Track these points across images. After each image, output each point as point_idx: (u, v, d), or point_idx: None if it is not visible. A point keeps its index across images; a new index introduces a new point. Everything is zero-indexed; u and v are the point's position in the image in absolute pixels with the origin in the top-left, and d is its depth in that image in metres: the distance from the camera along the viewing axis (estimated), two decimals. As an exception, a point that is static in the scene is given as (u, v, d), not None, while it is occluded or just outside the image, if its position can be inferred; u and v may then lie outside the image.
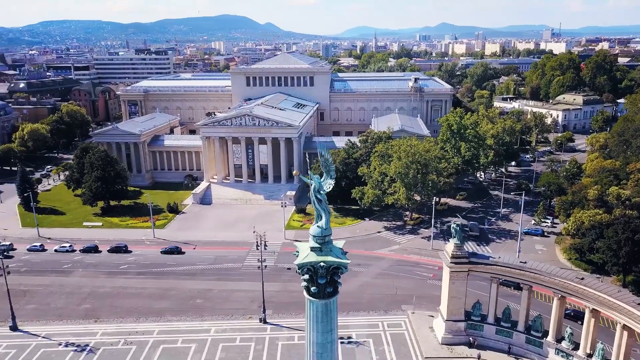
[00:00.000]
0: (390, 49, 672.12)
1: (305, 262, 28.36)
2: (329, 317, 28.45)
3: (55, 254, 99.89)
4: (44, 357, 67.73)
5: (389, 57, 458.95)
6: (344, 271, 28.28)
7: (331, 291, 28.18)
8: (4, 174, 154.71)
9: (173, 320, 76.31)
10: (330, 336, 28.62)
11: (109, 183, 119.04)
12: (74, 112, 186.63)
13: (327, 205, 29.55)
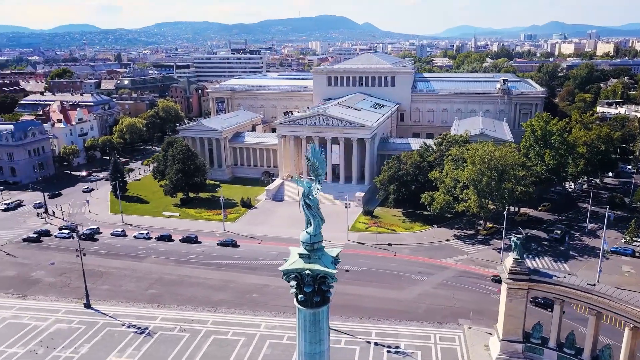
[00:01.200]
0: (489, 49, 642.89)
1: (290, 268, 27.51)
2: (318, 327, 27.34)
3: (133, 240, 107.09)
4: (108, 335, 72.71)
5: (487, 57, 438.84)
6: (330, 281, 26.95)
7: (319, 300, 27.02)
8: (104, 163, 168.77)
9: (228, 312, 78.47)
10: (319, 347, 27.50)
11: (188, 176, 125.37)
12: (169, 108, 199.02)
13: (318, 211, 28.35)
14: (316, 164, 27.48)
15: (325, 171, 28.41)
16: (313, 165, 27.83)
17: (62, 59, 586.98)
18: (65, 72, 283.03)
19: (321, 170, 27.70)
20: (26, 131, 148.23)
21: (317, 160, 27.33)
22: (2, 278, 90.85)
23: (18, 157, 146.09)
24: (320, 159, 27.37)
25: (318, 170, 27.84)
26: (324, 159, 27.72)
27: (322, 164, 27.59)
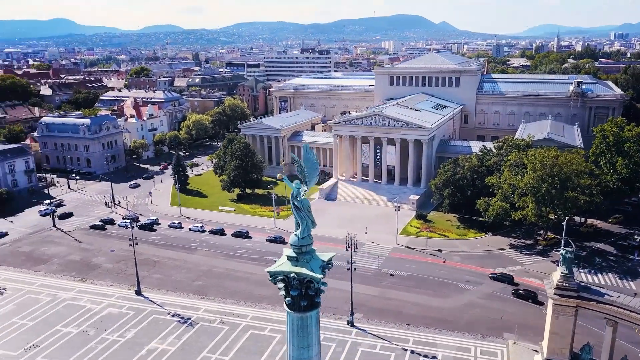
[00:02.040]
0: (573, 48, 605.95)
1: (276, 270, 27.09)
2: (306, 332, 26.77)
3: (188, 232, 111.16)
4: (153, 322, 75.94)
5: (569, 57, 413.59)
6: (316, 286, 26.22)
7: (307, 305, 26.41)
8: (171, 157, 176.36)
9: (268, 308, 79.38)
10: (307, 353, 26.92)
11: (245, 172, 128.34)
12: (235, 106, 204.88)
13: (308, 213, 27.65)
14: (302, 165, 26.87)
15: (318, 173, 27.49)
16: (300, 166, 27.26)
17: (146, 57, 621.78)
18: (143, 70, 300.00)
19: (312, 172, 27.00)
20: (101, 125, 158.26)
21: (308, 161, 26.71)
22: (68, 262, 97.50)
23: (93, 149, 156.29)
24: (312, 161, 26.70)
25: (305, 172, 27.24)
26: (316, 160, 27.01)
27: (313, 165, 26.90)
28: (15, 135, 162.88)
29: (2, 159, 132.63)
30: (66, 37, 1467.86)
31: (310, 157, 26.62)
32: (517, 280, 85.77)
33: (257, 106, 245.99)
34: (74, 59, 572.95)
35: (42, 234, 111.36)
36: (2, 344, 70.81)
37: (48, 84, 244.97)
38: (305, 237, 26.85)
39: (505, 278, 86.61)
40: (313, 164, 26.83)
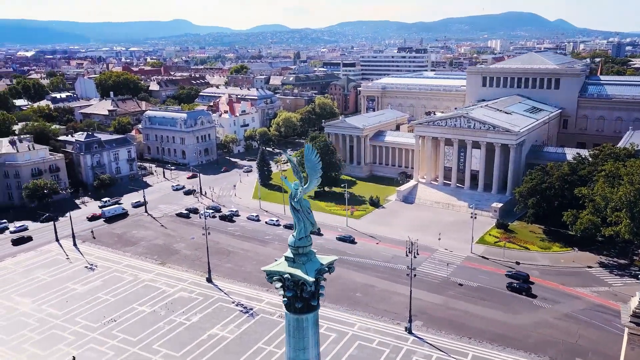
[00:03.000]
0: None
1: (271, 269, 26.95)
2: (302, 334, 26.42)
3: (264, 225, 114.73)
4: (218, 309, 79.53)
5: None
6: (308, 288, 25.69)
7: (302, 307, 26.02)
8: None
9: (327, 306, 79.49)
10: (303, 355, 26.55)
11: (324, 170, 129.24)
12: (325, 105, 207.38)
13: (307, 214, 27.14)
14: (297, 165, 26.41)
15: (320, 175, 26.87)
16: (294, 167, 26.90)
17: (250, 56, 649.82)
18: (242, 68, 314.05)
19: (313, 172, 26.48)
20: (196, 120, 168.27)
21: (309, 162, 26.30)
22: (152, 245, 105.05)
23: (188, 142, 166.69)
24: (314, 162, 26.22)
25: (300, 174, 26.83)
26: (318, 161, 26.48)
27: (314, 166, 26.40)
28: (123, 126, 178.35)
29: (108, 148, 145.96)
30: (183, 36, 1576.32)
31: (311, 158, 26.23)
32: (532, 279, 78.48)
33: (347, 105, 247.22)
34: (186, 58, 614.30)
35: (135, 218, 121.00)
36: (86, 315, 78.08)
37: (157, 80, 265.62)
38: (302, 238, 26.56)
39: (520, 276, 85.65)
40: (314, 164, 26.40)
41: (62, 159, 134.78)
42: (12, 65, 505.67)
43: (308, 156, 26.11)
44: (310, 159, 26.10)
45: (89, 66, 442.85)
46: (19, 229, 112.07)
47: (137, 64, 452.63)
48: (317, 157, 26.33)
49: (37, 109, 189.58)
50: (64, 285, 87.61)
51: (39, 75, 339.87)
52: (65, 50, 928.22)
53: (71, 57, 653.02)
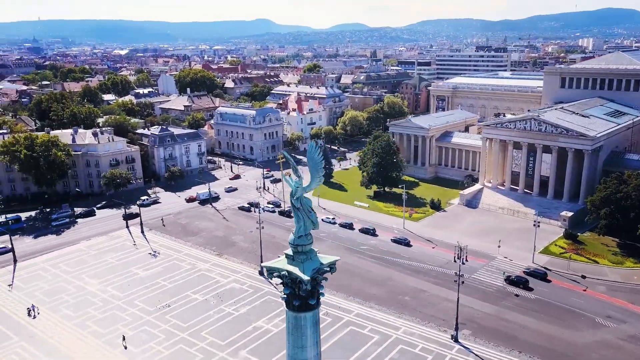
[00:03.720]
0: None
1: (270, 266, 27.03)
2: (300, 332, 26.35)
3: (320, 223, 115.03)
4: (266, 302, 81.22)
5: None
6: (304, 287, 25.46)
7: (299, 305, 25.91)
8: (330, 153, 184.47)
9: (374, 307, 78.87)
10: (302, 353, 26.46)
11: (385, 170, 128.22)
12: (394, 104, 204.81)
13: (307, 213, 26.82)
14: (294, 163, 26.20)
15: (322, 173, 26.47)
16: (293, 166, 26.74)
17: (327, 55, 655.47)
18: (315, 66, 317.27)
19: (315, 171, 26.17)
20: (265, 117, 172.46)
21: (311, 160, 26.10)
22: (212, 237, 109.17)
23: (256, 138, 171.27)
24: (316, 160, 25.96)
25: (298, 172, 26.62)
26: (320, 160, 26.19)
27: (316, 165, 26.12)
28: (197, 121, 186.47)
29: (180, 142, 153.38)
30: (264, 35, 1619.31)
31: (314, 157, 26.07)
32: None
33: (418, 105, 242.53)
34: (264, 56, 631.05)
35: (199, 210, 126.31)
36: (144, 299, 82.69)
37: (232, 78, 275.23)
38: (301, 236, 26.48)
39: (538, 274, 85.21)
40: (316, 163, 26.20)
41: (137, 151, 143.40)
42: (107, 62, 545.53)
43: (311, 154, 26.03)
44: (312, 157, 26.00)
45: (173, 64, 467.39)
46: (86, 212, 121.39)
47: (217, 62, 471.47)
48: (320, 156, 26.18)
49: (121, 104, 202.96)
50: (128, 270, 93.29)
51: (128, 72, 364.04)
52: (155, 48, 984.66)
53: (159, 55, 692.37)
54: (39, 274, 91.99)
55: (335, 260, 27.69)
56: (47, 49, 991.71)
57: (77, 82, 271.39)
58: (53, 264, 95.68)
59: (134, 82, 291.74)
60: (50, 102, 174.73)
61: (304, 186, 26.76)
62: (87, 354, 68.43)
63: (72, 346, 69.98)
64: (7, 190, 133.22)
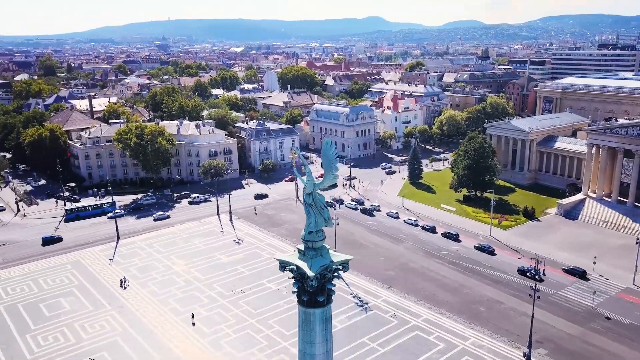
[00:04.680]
0: None
1: (282, 259, 27.07)
2: (309, 328, 26.24)
3: (402, 224, 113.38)
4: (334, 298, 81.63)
5: None
6: (309, 283, 25.20)
7: (307, 300, 25.78)
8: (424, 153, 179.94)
9: (445, 314, 76.13)
10: (310, 348, 26.36)
11: (476, 173, 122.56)
12: (497, 104, 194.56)
13: (320, 210, 26.42)
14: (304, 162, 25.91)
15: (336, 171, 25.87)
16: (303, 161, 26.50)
17: (435, 53, 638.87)
18: (417, 64, 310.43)
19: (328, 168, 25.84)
20: (358, 114, 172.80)
21: (325, 157, 25.80)
22: (294, 229, 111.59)
23: (348, 136, 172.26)
24: (330, 158, 25.61)
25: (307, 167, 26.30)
26: (335, 157, 25.77)
27: (330, 162, 25.76)
28: (294, 118, 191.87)
29: (275, 136, 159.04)
30: (375, 33, 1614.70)
31: (328, 154, 25.83)
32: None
33: (524, 106, 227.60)
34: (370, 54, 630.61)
35: (286, 202, 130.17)
36: (223, 283, 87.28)
37: (332, 76, 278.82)
38: (311, 232, 26.41)
39: (577, 272, 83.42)
40: (330, 160, 25.93)
41: (234, 143, 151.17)
42: (222, 59, 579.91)
43: (325, 152, 25.91)
44: (327, 154, 25.88)
45: (282, 61, 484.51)
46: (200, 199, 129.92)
47: (323, 60, 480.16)
48: (334, 153, 25.97)
49: (227, 98, 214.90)
50: (213, 254, 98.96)
51: (239, 69, 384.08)
52: (268, 46, 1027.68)
53: (270, 52, 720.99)
54: (136, 251, 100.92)
55: (348, 259, 27.36)
56: (173, 47, 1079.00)
57: (192, 77, 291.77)
58: (149, 244, 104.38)
59: (242, 78, 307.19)
60: (162, 95, 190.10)
61: (317, 183, 26.61)
62: (165, 328, 73.90)
63: (153, 320, 76.01)
64: (120, 174, 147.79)
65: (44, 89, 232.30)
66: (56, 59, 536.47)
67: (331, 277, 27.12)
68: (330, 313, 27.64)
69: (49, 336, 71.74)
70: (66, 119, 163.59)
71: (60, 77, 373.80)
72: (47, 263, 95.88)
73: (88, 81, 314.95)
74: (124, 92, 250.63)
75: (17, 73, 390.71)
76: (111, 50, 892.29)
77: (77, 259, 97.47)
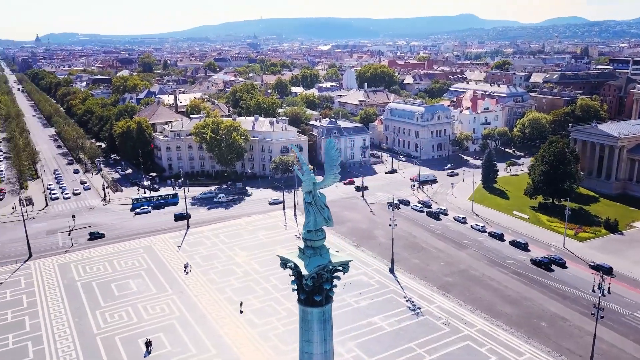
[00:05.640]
0: None
1: (282, 256, 26.96)
2: (307, 326, 25.95)
3: (468, 229, 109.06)
4: (387, 300, 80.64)
5: None
6: (304, 281, 24.87)
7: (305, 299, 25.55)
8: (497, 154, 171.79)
9: (501, 326, 72.48)
10: (308, 347, 26.09)
11: (554, 180, 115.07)
12: (588, 107, 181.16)
13: (319, 209, 25.85)
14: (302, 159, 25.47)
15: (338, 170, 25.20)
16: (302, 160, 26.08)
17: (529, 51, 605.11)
18: (504, 64, 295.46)
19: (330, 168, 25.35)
20: (433, 114, 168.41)
21: (327, 156, 25.37)
22: (356, 228, 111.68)
23: (422, 136, 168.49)
24: (332, 157, 25.14)
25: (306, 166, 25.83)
26: (337, 157, 25.25)
27: (332, 161, 25.27)
28: (368, 116, 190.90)
29: (346, 135, 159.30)
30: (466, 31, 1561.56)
31: (331, 153, 25.46)
32: None
33: (621, 110, 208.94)
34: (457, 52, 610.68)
35: (351, 201, 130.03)
36: (279, 277, 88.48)
37: (412, 74, 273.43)
38: (310, 231, 26.18)
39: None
40: (332, 159, 25.52)
41: (305, 140, 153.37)
42: (307, 57, 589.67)
43: (328, 151, 25.65)
44: (329, 154, 25.61)
45: (366, 59, 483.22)
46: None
47: (407, 58, 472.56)
48: (336, 153, 25.65)
49: (304, 96, 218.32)
50: (273, 248, 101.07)
51: (321, 67, 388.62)
52: (355, 44, 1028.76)
53: (354, 51, 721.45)
54: (202, 240, 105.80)
55: (347, 261, 26.93)
56: (263, 45, 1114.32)
57: (274, 75, 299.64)
58: (215, 234, 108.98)
59: (323, 76, 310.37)
60: (242, 92, 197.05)
61: (318, 182, 26.41)
62: (218, 315, 76.89)
63: (208, 307, 79.39)
64: (198, 167, 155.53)
65: (138, 84, 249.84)
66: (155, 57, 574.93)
67: (329, 278, 26.81)
68: (329, 313, 27.36)
69: (115, 314, 77.32)
70: (153, 113, 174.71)
71: (156, 73, 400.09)
72: (124, 246, 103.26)
73: (179, 77, 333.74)
74: (209, 88, 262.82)
75: (120, 69, 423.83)
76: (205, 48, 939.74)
77: (149, 244, 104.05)
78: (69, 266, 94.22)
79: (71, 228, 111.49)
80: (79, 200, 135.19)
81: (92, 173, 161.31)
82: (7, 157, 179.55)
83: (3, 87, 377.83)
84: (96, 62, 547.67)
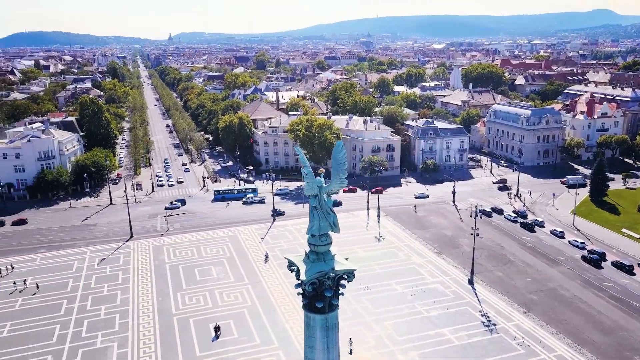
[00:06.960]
0: None
1: (288, 258, 26.39)
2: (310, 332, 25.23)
3: (565, 245, 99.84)
4: (460, 312, 76.50)
5: None
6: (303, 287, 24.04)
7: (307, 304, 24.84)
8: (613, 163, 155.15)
9: (586, 355, 65.46)
10: (310, 353, 25.36)
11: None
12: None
13: (325, 214, 24.88)
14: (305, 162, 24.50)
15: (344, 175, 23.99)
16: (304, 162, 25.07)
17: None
18: (635, 64, 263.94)
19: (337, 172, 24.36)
20: (541, 118, 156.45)
21: (335, 160, 24.38)
22: (440, 234, 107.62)
23: (527, 140, 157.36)
24: (339, 160, 24.11)
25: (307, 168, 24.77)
26: (344, 161, 24.11)
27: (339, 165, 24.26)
28: (471, 118, 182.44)
29: (442, 136, 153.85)
30: (600, 28, 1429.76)
31: (338, 157, 24.53)
32: None
33: None
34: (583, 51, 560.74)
35: (440, 206, 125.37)
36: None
37: (523, 75, 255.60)
38: (314, 236, 25.51)
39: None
40: (339, 164, 24.58)
41: (398, 141, 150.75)
42: (418, 56, 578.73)
43: (335, 155, 24.88)
44: (336, 157, 24.84)
45: (479, 59, 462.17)
46: None
47: (524, 57, 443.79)
48: (343, 157, 24.70)
49: (405, 95, 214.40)
50: (352, 247, 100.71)
51: (430, 66, 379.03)
52: (470, 43, 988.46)
53: (468, 49, 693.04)
54: (284, 234, 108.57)
55: (352, 270, 26.03)
56: (376, 43, 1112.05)
57: (378, 74, 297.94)
58: (297, 229, 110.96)
59: (430, 75, 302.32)
60: (341, 90, 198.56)
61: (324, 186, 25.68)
62: (287, 309, 78.23)
63: (279, 300, 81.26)
64: (292, 162, 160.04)
65: (247, 81, 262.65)
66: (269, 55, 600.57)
67: (331, 285, 26.00)
68: (333, 321, 26.53)
69: (193, 297, 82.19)
70: (255, 109, 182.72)
71: (268, 70, 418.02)
72: (212, 234, 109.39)
73: (288, 75, 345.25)
74: (314, 86, 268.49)
75: (236, 66, 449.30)
76: (319, 46, 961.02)
77: (235, 233, 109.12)
78: (162, 249, 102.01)
79: (169, 214, 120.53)
80: (181, 188, 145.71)
81: (197, 163, 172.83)
82: (128, 145, 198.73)
83: (135, 81, 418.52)
84: (216, 60, 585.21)
